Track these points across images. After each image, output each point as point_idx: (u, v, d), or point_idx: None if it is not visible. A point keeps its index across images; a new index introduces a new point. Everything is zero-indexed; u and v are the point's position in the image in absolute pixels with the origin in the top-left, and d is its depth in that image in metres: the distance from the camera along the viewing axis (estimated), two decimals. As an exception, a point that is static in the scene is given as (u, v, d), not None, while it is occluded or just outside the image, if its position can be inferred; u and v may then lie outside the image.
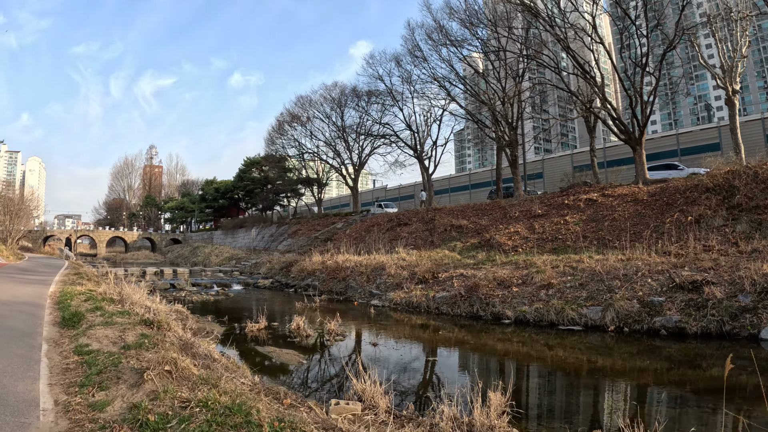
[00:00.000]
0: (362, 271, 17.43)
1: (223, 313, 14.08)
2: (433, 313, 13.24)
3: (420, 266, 16.00)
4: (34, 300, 9.13)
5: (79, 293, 9.85)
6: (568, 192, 22.01)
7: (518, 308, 12.07)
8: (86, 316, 6.91)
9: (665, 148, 36.31)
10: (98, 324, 6.23)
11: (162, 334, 5.42)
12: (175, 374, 3.76)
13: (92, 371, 4.18)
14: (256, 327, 10.05)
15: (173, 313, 10.22)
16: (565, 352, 8.52)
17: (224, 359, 5.54)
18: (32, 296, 9.70)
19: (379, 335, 10.04)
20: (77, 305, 7.96)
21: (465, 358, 8.36)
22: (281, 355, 7.45)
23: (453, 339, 9.79)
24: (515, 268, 14.56)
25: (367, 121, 35.43)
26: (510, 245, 18.34)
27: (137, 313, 7.13)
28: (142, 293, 10.18)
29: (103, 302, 8.25)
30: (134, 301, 8.64)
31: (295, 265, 22.91)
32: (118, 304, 8.41)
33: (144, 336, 5.39)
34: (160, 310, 9.51)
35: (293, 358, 7.33)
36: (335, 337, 9.30)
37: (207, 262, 39.41)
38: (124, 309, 7.67)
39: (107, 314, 6.93)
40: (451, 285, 14.26)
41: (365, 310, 13.91)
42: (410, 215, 26.84)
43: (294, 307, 14.36)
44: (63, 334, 6.08)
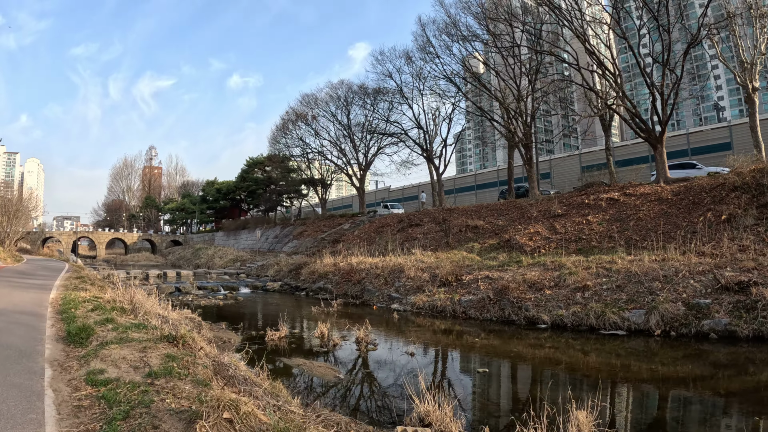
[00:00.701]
0: (378, 273, 16.70)
1: (235, 319, 13.33)
2: (459, 317, 12.55)
3: (440, 268, 15.29)
4: (34, 309, 8.15)
5: (84, 300, 8.92)
6: (586, 191, 21.36)
7: (554, 312, 11.39)
8: (96, 330, 5.98)
9: (675, 147, 35.72)
10: (112, 341, 5.30)
11: (191, 355, 4.64)
12: (239, 426, 2.85)
13: (115, 414, 3.15)
14: (277, 335, 9.31)
15: (185, 321, 9.49)
16: (621, 360, 7.85)
17: (261, 380, 4.80)
18: (31, 304, 8.74)
19: (413, 343, 9.32)
20: (84, 316, 7.07)
21: (515, 368, 7.66)
22: (314, 370, 6.72)
23: (493, 347, 9.08)
24: (544, 269, 13.88)
25: (374, 119, 34.71)
26: (531, 246, 17.66)
27: (155, 326, 6.28)
28: (154, 301, 9.41)
29: (113, 312, 7.40)
30: (148, 311, 7.82)
31: (305, 267, 22.15)
32: (130, 314, 7.55)
33: (171, 358, 4.54)
34: (174, 319, 8.77)
35: (328, 372, 6.59)
36: (366, 346, 8.57)
37: (211, 264, 38.60)
38: (139, 321, 6.84)
39: (121, 328, 6.05)
40: (477, 288, 13.57)
41: (387, 315, 13.20)
42: (421, 216, 26.14)
43: (310, 312, 13.65)
44: (70, 354, 5.06)
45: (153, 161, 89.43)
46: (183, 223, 77.82)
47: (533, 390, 6.21)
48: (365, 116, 35.46)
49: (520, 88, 23.13)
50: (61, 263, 28.69)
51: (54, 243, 68.14)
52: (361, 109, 35.35)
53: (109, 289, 12.46)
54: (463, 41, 23.02)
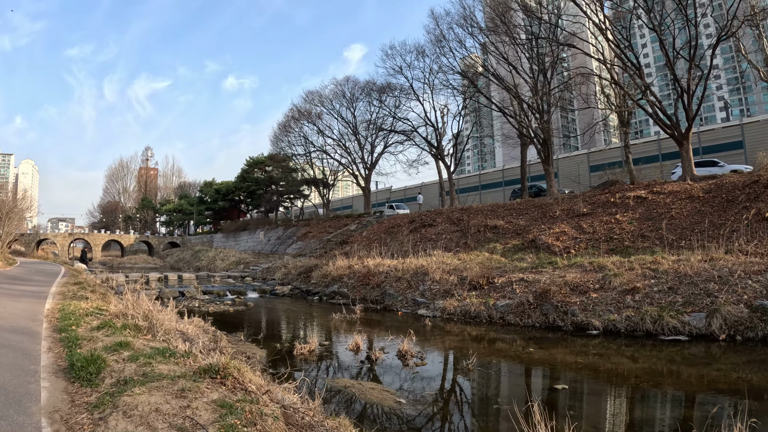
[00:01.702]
0: (399, 276, 15.70)
1: (251, 327, 12.28)
2: (497, 323, 11.60)
3: (468, 270, 14.34)
4: (26, 324, 6.68)
5: (86, 313, 7.55)
6: (609, 189, 20.51)
7: (605, 317, 10.48)
8: (108, 360, 4.46)
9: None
10: (133, 378, 3.91)
11: (250, 400, 3.43)
12: None
13: None
14: (307, 348, 8.28)
15: (201, 333, 8.40)
16: (706, 369, 6.91)
17: (322, 417, 3.78)
18: (23, 317, 7.29)
19: (462, 355, 8.34)
20: (88, 337, 5.64)
21: (595, 384, 6.70)
22: (367, 393, 5.69)
23: (553, 358, 8.15)
24: (582, 271, 12.96)
25: (381, 116, 33.65)
26: (560, 246, 16.76)
27: (186, 353, 4.85)
28: (171, 314, 8.21)
29: (125, 331, 6.01)
30: (168, 328, 6.60)
31: (316, 270, 21.09)
32: (147, 333, 6.21)
33: (226, 408, 3.21)
34: (192, 333, 7.67)
35: (386, 397, 5.56)
36: (412, 359, 7.57)
37: (212, 266, 37.38)
38: (160, 344, 5.43)
39: (141, 357, 4.58)
40: (513, 291, 12.62)
41: (417, 322, 12.20)
42: (434, 216, 25.17)
43: (331, 320, 12.62)
44: (76, 400, 3.64)
45: (149, 162, 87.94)
46: (180, 225, 76.31)
47: (641, 411, 5.28)
48: (371, 113, 34.46)
49: (538, 83, 22.27)
50: (57, 266, 26.91)
51: (49, 245, 66.47)
52: (367, 106, 34.34)
53: (114, 298, 11.26)
54: (480, 34, 22.16)
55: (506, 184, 45.16)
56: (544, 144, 22.59)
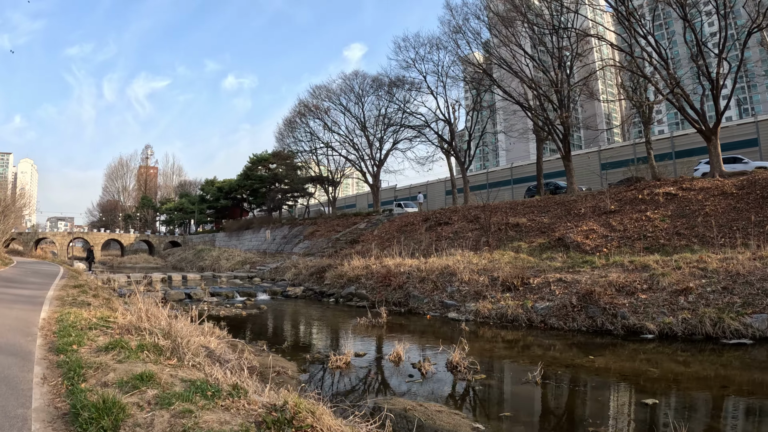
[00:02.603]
0: (423, 277, 14.88)
1: (269, 334, 11.40)
2: (537, 327, 10.83)
3: (498, 270, 13.54)
4: (15, 340, 5.43)
5: (89, 324, 6.37)
6: (636, 186, 19.76)
7: (658, 319, 9.71)
8: (126, 406, 3.18)
9: (701, 143, 34.39)
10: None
11: None
12: None
13: None
14: (342, 360, 7.41)
15: (224, 343, 7.46)
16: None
17: None
18: (13, 329, 6.07)
19: (519, 365, 7.57)
20: (96, 364, 4.34)
21: (684, 396, 5.92)
22: (435, 418, 4.84)
23: (619, 366, 7.42)
24: (624, 270, 12.19)
25: (390, 111, 32.73)
26: (590, 245, 15.98)
27: (232, 387, 3.63)
28: (191, 324, 6.98)
29: (143, 354, 4.75)
30: (196, 349, 5.37)
31: (330, 270, 20.23)
32: (171, 356, 4.87)
33: None
34: (215, 346, 6.73)
35: (458, 422, 4.73)
36: (469, 372, 6.74)
37: (217, 266, 36.44)
38: (196, 375, 4.15)
39: (174, 399, 3.37)
40: (551, 293, 11.83)
41: (448, 326, 11.42)
42: (450, 214, 24.37)
43: (355, 324, 11.79)
44: None
45: (149, 161, 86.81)
46: (181, 224, 75.28)
47: None
48: (379, 109, 33.54)
49: (559, 76, 21.49)
50: (55, 267, 25.45)
51: (48, 244, 65.44)
52: (376, 101, 33.40)
53: (119, 304, 10.01)
54: (498, 24, 21.29)
55: (515, 182, 44.39)
56: (564, 139, 21.81)
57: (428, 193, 53.71)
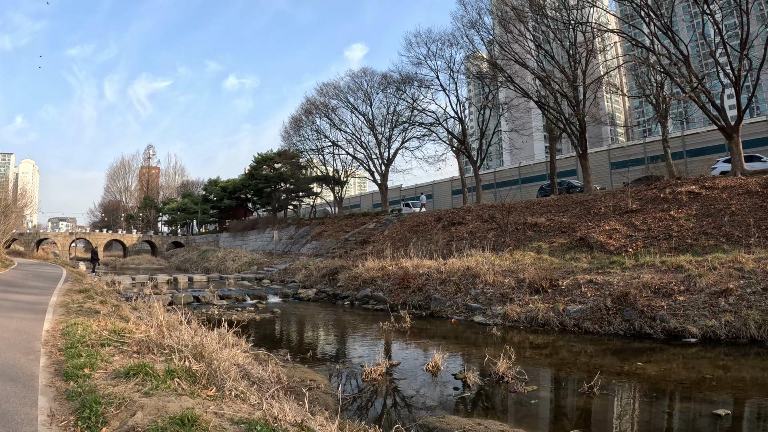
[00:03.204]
0: (444, 278, 14.43)
1: (290, 342, 10.87)
2: (570, 331, 10.41)
3: (523, 272, 13.12)
4: (15, 359, 4.63)
5: (101, 339, 5.48)
6: (656, 185, 19.32)
7: (701, 322, 9.30)
8: None
9: (712, 142, 34.02)
10: None
11: None
12: None
13: None
14: (377, 371, 6.94)
15: (250, 356, 6.76)
16: None
17: None
18: (13, 344, 5.24)
19: (566, 373, 7.14)
20: (115, 394, 3.54)
21: (752, 405, 5.50)
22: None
23: (669, 373, 7.05)
24: (656, 271, 11.79)
25: (399, 109, 32.24)
26: (614, 245, 15.55)
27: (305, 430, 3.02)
28: (213, 335, 5.85)
29: (173, 382, 3.90)
30: (230, 371, 4.46)
31: (343, 272, 19.78)
32: (208, 384, 4.06)
33: None
34: (245, 362, 5.91)
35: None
36: (519, 383, 6.30)
37: (222, 267, 35.95)
38: (250, 412, 3.33)
39: None
40: (583, 295, 11.40)
41: (478, 331, 11.00)
42: (463, 213, 23.94)
43: (377, 329, 11.32)
44: None
45: (151, 161, 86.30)
46: (183, 224, 74.81)
47: None
48: (387, 106, 33.04)
49: (574, 71, 21.05)
50: (58, 269, 24.52)
51: (49, 245, 65.00)
52: (385, 98, 32.90)
53: (128, 310, 9.36)
54: (513, 20, 20.86)
55: (522, 182, 43.99)
56: (581, 136, 21.37)
57: (434, 193, 53.25)
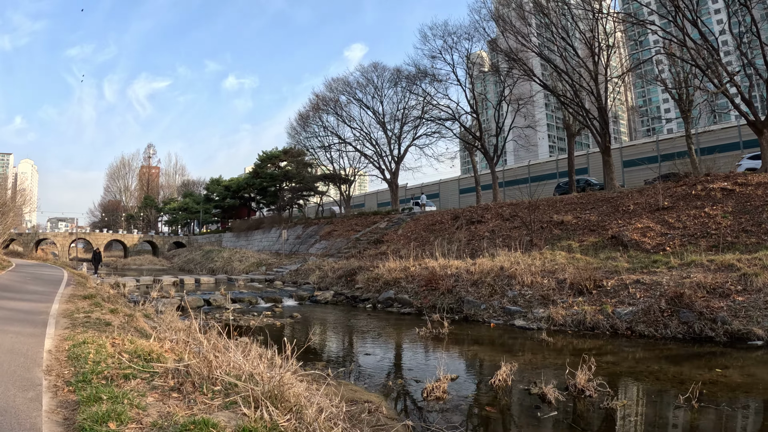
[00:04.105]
0: (475, 279, 13.78)
1: (324, 352, 9.94)
2: (622, 335, 9.81)
3: (563, 272, 12.49)
4: (10, 399, 3.42)
5: (122, 367, 4.27)
6: (686, 181, 18.72)
7: (765, 323, 8.73)
8: None
9: (727, 140, 33.56)
10: None
11: None
12: None
13: None
14: (439, 388, 6.16)
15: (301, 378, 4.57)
16: None
17: None
18: (6, 374, 4.08)
19: (648, 386, 6.52)
20: None
21: None
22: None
23: (758, 380, 6.34)
24: (706, 270, 11.19)
25: (411, 105, 31.56)
26: (650, 243, 14.94)
27: None
28: (272, 362, 4.73)
29: None
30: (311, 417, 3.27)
31: (361, 273, 19.08)
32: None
33: None
34: None
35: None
36: (603, 398, 5.65)
37: (229, 268, 35.15)
38: None
39: None
40: (631, 296, 10.79)
41: (522, 337, 10.36)
42: (482, 211, 23.32)
43: (413, 335, 10.59)
44: None
45: (151, 160, 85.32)
46: (185, 224, 73.93)
47: None
48: (398, 102, 32.34)
49: (598, 65, 20.44)
50: (58, 270, 23.08)
51: (48, 245, 64.06)
52: (396, 95, 32.19)
53: (146, 323, 8.29)
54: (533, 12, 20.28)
55: (532, 180, 43.52)
56: (603, 131, 20.76)
57: (440, 192, 52.65)
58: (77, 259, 57.90)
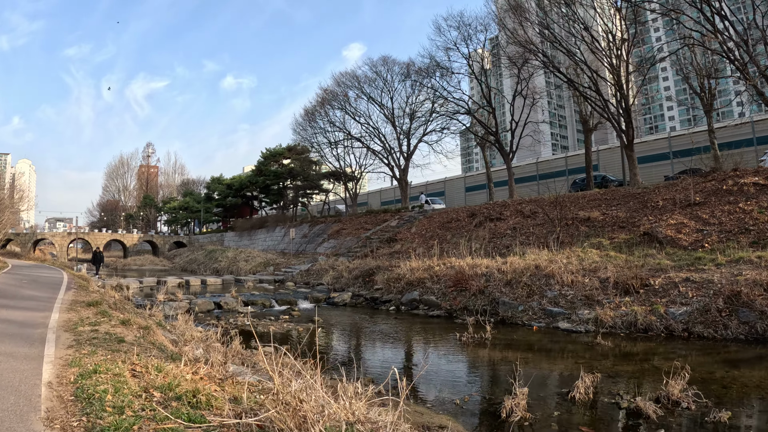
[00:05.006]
0: (509, 279, 13.17)
1: (362, 363, 8.59)
2: (679, 337, 9.29)
3: (604, 271, 11.91)
4: None
5: (155, 414, 3.14)
6: (714, 176, 18.20)
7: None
8: None
9: (740, 136, 33.17)
10: None
11: None
12: None
13: None
14: (519, 405, 5.37)
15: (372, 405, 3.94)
16: None
17: None
18: None
19: (736, 393, 5.95)
20: None
21: None
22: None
23: None
24: (757, 267, 10.66)
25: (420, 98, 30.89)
26: (686, 240, 14.40)
27: None
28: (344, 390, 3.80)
29: None
30: None
31: (380, 273, 18.44)
32: None
33: None
34: None
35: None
36: (708, 411, 5.06)
37: (235, 269, 34.38)
38: None
39: None
40: (682, 295, 10.25)
41: (570, 340, 9.76)
42: (500, 208, 22.74)
43: (454, 340, 9.89)
44: None
45: (150, 159, 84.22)
46: (185, 224, 72.97)
47: None
48: (408, 96, 31.65)
49: (620, 56, 19.87)
50: (57, 272, 21.48)
51: (47, 245, 63.04)
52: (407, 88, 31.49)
53: (170, 341, 7.26)
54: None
55: (540, 178, 43.06)
56: (628, 125, 20.21)
57: (446, 190, 52.03)
58: (76, 259, 56.90)
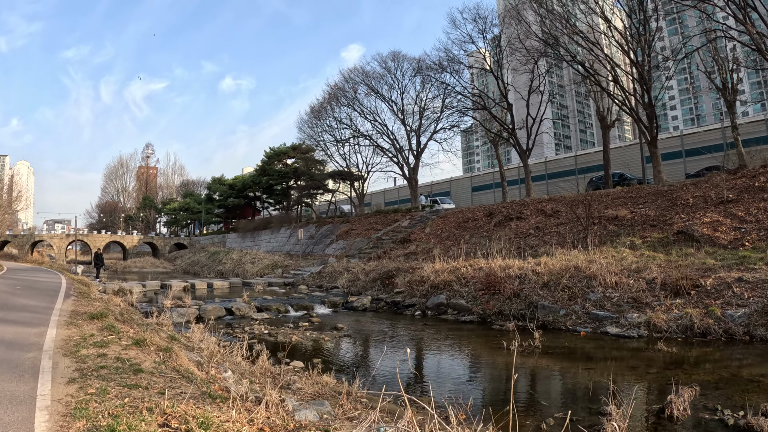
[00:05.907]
0: (546, 281, 12.56)
1: (412, 381, 7.53)
2: (740, 340, 8.82)
3: (648, 271, 11.40)
4: None
5: None
6: (744, 173, 17.72)
7: None
8: None
9: (756, 134, 32.88)
10: None
11: None
12: None
13: None
14: (620, 428, 4.74)
15: None
16: None
17: None
18: None
19: None
20: None
21: None
22: None
23: None
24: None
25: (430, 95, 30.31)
26: (724, 238, 13.90)
27: None
28: None
29: None
30: None
31: (400, 275, 17.77)
32: None
33: None
34: None
35: None
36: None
37: (240, 271, 33.58)
38: None
39: None
40: (737, 296, 9.77)
41: (623, 346, 9.14)
42: (519, 207, 22.19)
43: (501, 349, 9.06)
44: None
45: (149, 160, 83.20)
46: (185, 225, 72.04)
47: None
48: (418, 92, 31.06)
49: (644, 50, 19.35)
50: (55, 276, 20.11)
51: (45, 247, 61.98)
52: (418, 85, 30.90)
53: (196, 364, 5.71)
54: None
55: (549, 177, 42.73)
56: (651, 121, 19.70)
57: (452, 190, 51.58)
58: (75, 261, 55.88)
